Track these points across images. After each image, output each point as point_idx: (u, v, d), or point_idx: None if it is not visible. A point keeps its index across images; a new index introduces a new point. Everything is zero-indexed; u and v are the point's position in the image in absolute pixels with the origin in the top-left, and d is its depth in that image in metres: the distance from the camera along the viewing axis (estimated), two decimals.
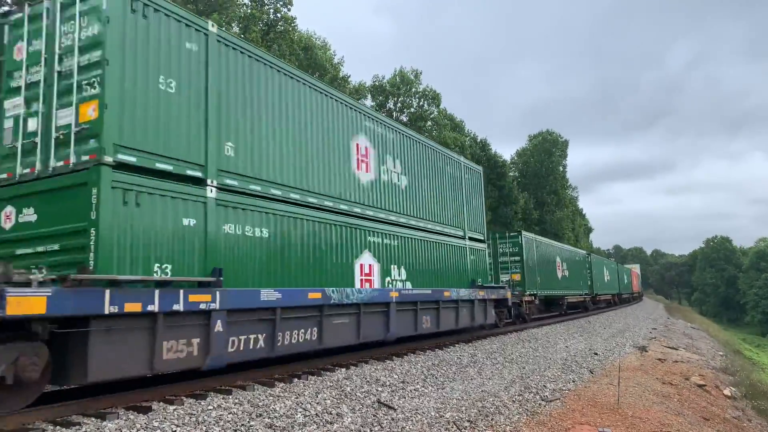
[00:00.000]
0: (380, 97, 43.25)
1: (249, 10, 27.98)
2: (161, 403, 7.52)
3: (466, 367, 12.54)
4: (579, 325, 25.86)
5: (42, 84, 8.28)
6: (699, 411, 11.92)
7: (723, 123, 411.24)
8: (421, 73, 43.44)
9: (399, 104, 43.79)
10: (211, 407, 7.43)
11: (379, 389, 9.53)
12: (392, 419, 7.88)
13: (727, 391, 15.20)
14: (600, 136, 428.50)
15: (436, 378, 11.10)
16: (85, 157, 7.64)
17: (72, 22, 8.15)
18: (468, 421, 8.13)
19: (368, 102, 43.29)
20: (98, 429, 6.33)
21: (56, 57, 8.19)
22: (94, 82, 7.82)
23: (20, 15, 8.75)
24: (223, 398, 7.93)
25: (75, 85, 7.92)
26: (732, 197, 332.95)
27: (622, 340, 21.07)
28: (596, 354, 16.43)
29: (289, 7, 28.62)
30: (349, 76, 39.15)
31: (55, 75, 8.15)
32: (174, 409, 7.21)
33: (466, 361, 13.32)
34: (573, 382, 11.91)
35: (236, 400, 7.83)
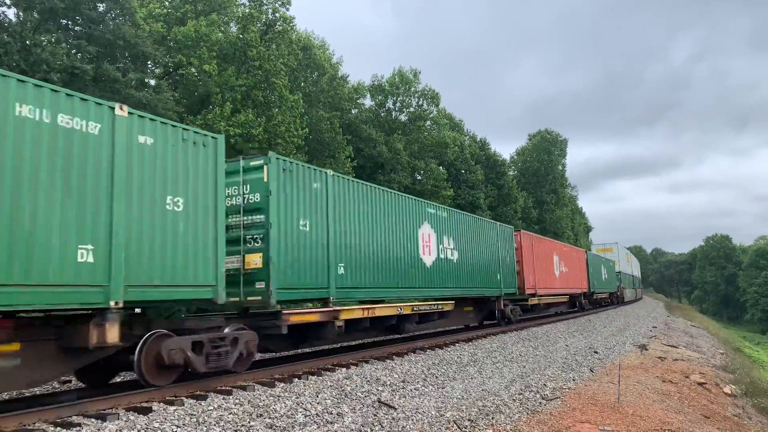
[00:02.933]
0: (379, 97, 43.23)
1: (247, 10, 27.94)
2: (161, 404, 7.51)
3: (467, 366, 12.54)
4: (579, 324, 25.86)
5: None
6: (699, 409, 11.92)
7: (729, 118, 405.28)
8: (420, 72, 43.41)
9: (398, 104, 43.77)
10: (212, 408, 7.42)
11: (380, 389, 9.53)
12: (393, 419, 7.87)
13: (727, 389, 15.20)
14: (603, 132, 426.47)
15: (437, 377, 11.10)
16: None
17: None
18: (468, 420, 8.13)
19: (367, 102, 43.25)
20: (98, 430, 6.33)
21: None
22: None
23: None
24: (223, 398, 7.92)
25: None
26: (735, 195, 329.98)
27: (622, 339, 21.06)
28: (596, 352, 16.43)
29: (287, 6, 28.56)
30: (348, 76, 39.13)
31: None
32: (174, 410, 7.20)
33: (466, 360, 13.32)
34: (573, 380, 11.91)
35: (237, 401, 7.83)
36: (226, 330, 9.26)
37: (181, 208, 8.40)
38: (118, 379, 10.06)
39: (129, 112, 7.90)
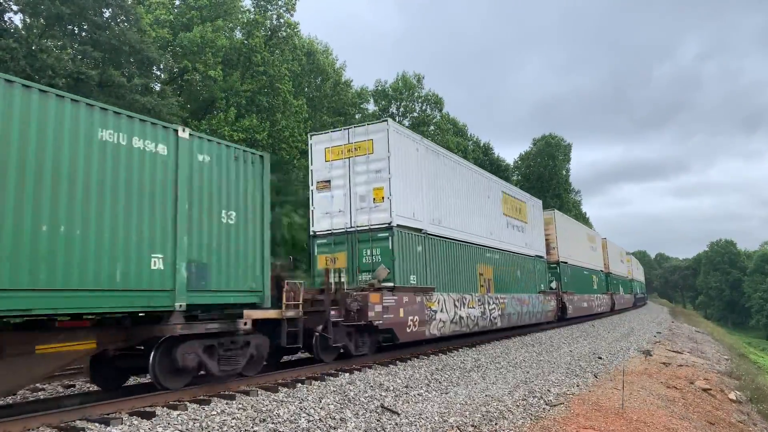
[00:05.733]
0: (383, 102, 43.34)
1: (252, 16, 28.07)
2: (165, 409, 7.52)
3: (470, 372, 12.52)
4: (583, 329, 25.77)
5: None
6: (704, 415, 11.86)
7: (740, 119, 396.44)
8: (423, 77, 43.56)
9: (402, 109, 43.86)
10: (215, 412, 7.43)
11: (383, 394, 9.51)
12: (396, 424, 7.86)
13: (732, 395, 15.12)
14: (611, 134, 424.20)
15: (440, 383, 11.08)
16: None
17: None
18: (472, 425, 8.10)
19: (371, 107, 43.34)
20: None
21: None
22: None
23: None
24: (226, 403, 7.93)
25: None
26: (744, 199, 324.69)
27: (626, 344, 20.98)
28: (600, 358, 16.37)
29: (291, 12, 28.71)
30: (352, 81, 39.26)
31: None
32: (178, 415, 7.21)
33: (469, 365, 13.29)
34: (577, 386, 11.86)
35: (240, 406, 7.83)
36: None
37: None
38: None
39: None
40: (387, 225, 14.20)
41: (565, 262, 30.23)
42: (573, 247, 32.57)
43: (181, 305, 8.15)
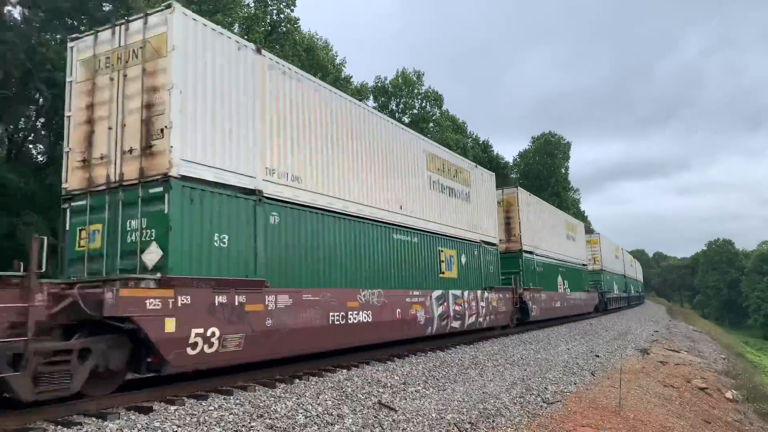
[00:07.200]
0: (382, 99, 43.30)
1: (252, 11, 28.01)
2: (162, 404, 7.52)
3: (468, 369, 12.53)
4: (581, 328, 25.81)
5: None
6: (701, 414, 11.89)
7: (743, 117, 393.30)
8: (423, 74, 43.52)
9: (401, 105, 43.82)
10: (212, 408, 7.43)
11: (380, 390, 9.52)
12: (393, 421, 7.87)
13: (729, 394, 15.17)
14: (612, 131, 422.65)
15: (438, 379, 11.09)
16: None
17: None
18: (469, 422, 8.12)
19: (370, 103, 43.33)
20: (99, 429, 6.33)
21: None
22: None
23: None
24: (224, 399, 7.93)
25: None
26: (744, 198, 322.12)
27: (624, 343, 21.02)
28: (598, 356, 16.40)
29: (292, 8, 28.66)
30: (351, 77, 39.23)
31: None
32: (175, 410, 7.21)
33: (467, 362, 13.31)
34: (574, 384, 11.88)
35: (237, 401, 7.83)
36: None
37: None
38: None
39: None
40: None
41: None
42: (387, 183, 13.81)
43: None
